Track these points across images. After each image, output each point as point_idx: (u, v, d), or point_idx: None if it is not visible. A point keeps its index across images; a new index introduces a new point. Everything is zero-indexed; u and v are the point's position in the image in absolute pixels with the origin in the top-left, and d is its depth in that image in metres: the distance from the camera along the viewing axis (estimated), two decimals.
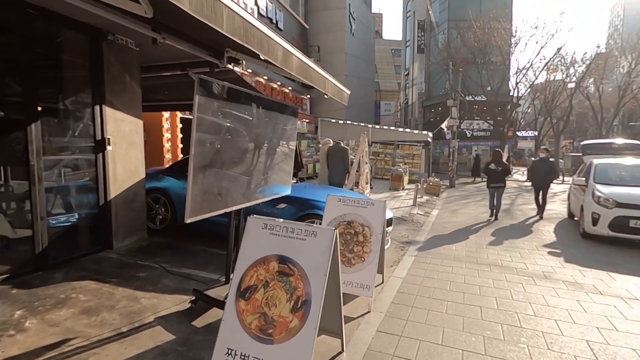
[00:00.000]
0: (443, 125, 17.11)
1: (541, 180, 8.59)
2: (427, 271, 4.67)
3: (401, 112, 41.46)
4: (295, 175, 8.00)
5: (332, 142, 7.90)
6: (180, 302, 3.27)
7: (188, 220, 2.58)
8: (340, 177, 7.49)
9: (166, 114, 8.52)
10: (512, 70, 26.48)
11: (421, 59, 33.39)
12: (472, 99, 27.24)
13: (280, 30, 15.27)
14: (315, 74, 4.22)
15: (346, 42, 20.73)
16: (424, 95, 33.35)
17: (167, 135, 8.55)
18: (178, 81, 5.78)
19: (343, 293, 2.60)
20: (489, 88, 26.36)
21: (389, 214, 5.07)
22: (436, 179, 14.30)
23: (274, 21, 14.62)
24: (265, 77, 13.95)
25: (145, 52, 4.93)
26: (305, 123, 18.22)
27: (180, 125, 9.13)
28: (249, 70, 12.65)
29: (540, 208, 8.77)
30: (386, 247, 4.93)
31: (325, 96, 4.87)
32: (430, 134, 16.66)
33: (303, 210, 4.70)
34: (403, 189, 13.58)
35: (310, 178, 15.18)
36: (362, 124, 18.40)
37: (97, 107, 4.38)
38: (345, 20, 20.52)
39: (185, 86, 5.62)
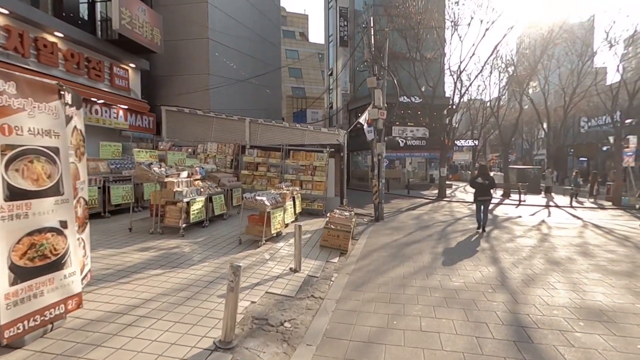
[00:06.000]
0: (362, 119, 10.52)
1: None
2: None
3: (325, 120, 35.25)
4: None
5: None
6: None
7: None
8: None
9: None
10: (452, 66, 21.14)
11: (344, 54, 27.51)
12: (406, 100, 21.66)
13: None
14: None
15: None
16: (348, 97, 27.41)
17: None
18: None
19: None
20: (423, 88, 20.78)
21: None
22: (345, 213, 7.39)
23: None
24: (7, 11, 5.95)
25: None
26: (127, 114, 10.36)
27: None
28: None
29: None
30: None
31: None
32: (343, 132, 10.05)
33: None
34: (275, 236, 6.43)
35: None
36: (236, 118, 11.10)
37: None
38: None
39: None
